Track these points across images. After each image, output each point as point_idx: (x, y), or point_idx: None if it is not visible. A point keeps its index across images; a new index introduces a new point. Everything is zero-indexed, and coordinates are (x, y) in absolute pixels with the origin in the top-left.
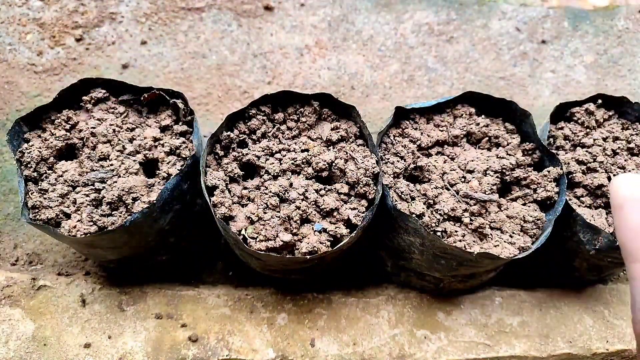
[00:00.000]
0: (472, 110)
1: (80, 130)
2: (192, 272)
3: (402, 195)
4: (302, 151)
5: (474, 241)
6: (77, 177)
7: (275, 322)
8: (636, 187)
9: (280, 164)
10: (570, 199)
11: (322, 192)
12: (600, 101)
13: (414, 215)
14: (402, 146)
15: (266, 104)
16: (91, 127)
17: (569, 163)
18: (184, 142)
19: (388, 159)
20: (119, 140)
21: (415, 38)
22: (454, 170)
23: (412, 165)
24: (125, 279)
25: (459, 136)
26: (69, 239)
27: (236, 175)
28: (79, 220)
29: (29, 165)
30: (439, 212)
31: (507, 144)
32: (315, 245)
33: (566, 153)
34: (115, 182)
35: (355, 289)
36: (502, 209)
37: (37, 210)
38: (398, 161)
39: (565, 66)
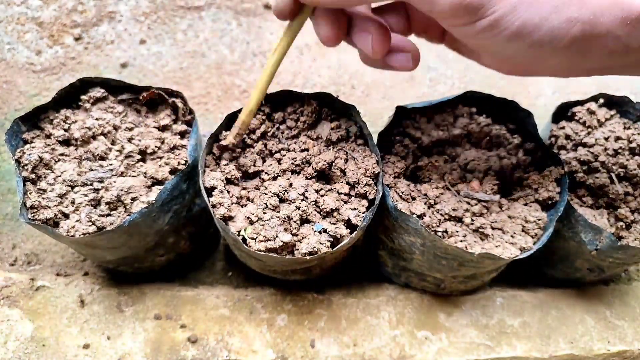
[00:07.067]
0: (473, 109)
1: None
2: (192, 272)
3: (403, 195)
4: (302, 151)
5: (475, 241)
6: (76, 177)
7: (275, 323)
8: None
9: (280, 164)
10: (571, 199)
11: (322, 192)
12: (601, 100)
13: (414, 216)
14: (403, 146)
15: (265, 103)
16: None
17: (570, 163)
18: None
19: (388, 158)
20: (118, 139)
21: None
22: (454, 170)
23: (412, 165)
24: (124, 279)
25: (459, 136)
26: (68, 239)
27: (235, 176)
28: (77, 221)
29: (27, 165)
30: (439, 212)
31: (509, 144)
32: (315, 246)
33: (568, 153)
34: (114, 182)
35: (355, 289)
36: (503, 209)
37: (35, 210)
38: (399, 161)
39: None
